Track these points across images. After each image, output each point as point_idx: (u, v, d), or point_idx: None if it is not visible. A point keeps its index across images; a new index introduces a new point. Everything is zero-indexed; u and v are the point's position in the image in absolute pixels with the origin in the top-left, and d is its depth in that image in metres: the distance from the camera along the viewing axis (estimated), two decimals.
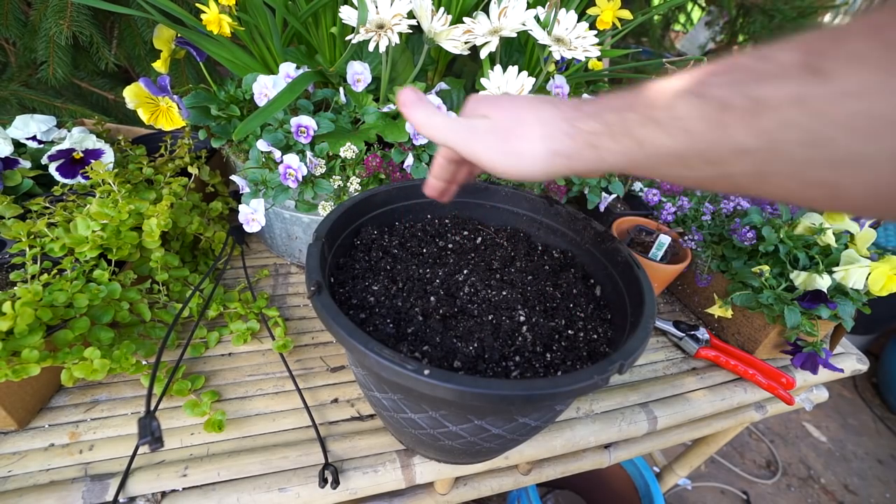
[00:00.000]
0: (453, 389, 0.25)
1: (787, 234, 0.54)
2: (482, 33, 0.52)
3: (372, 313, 0.35)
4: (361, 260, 0.40)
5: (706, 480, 1.31)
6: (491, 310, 0.36)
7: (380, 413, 0.39)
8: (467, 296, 0.38)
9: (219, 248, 0.57)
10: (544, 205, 0.46)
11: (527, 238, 0.46)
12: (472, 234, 0.46)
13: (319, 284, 0.30)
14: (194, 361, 0.48)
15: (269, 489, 0.38)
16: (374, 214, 0.44)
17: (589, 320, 0.37)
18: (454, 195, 0.35)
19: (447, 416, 0.31)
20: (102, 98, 0.83)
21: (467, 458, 0.41)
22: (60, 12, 0.68)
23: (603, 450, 0.58)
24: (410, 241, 0.43)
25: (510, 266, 0.42)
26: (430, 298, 0.36)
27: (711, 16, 2.33)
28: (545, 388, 0.25)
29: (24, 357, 0.35)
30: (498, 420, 0.31)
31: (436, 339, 0.33)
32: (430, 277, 0.39)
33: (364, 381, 0.36)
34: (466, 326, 0.34)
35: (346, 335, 0.27)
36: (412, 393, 0.31)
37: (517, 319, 0.35)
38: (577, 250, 0.45)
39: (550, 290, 0.40)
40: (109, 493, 0.36)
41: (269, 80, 0.52)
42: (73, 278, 0.41)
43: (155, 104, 0.52)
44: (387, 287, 0.37)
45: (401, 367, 0.25)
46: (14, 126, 0.55)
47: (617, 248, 0.40)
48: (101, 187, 0.47)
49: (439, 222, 0.46)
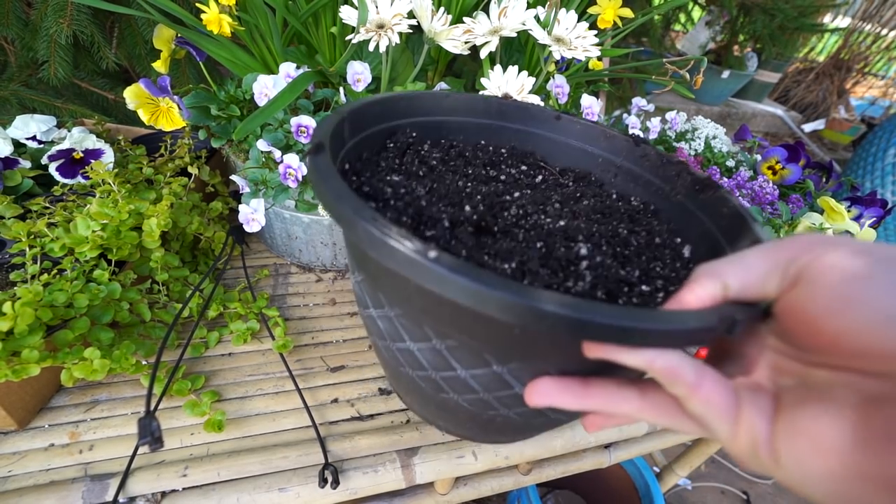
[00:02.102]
0: (467, 287, 0.17)
1: (787, 234, 0.54)
2: (482, 33, 0.52)
3: (386, 206, 0.27)
4: (390, 160, 0.33)
5: (706, 480, 1.31)
6: (543, 237, 0.28)
7: (376, 346, 0.32)
8: (513, 217, 0.30)
9: (219, 248, 0.57)
10: (628, 144, 0.37)
11: (598, 184, 0.39)
12: (531, 169, 0.38)
13: (320, 144, 0.25)
14: (194, 361, 0.48)
15: (269, 489, 0.38)
16: (418, 121, 0.37)
17: (673, 282, 0.28)
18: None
19: (456, 351, 0.24)
20: (102, 98, 0.83)
21: (474, 429, 0.33)
22: (60, 11, 0.68)
23: (603, 450, 0.58)
24: (456, 161, 0.36)
25: (575, 203, 0.34)
26: (466, 207, 0.28)
27: (712, 15, 2.33)
28: (619, 317, 0.17)
29: (24, 357, 0.35)
30: (525, 371, 0.23)
31: (461, 252, 0.24)
32: (471, 192, 0.31)
33: (358, 291, 0.29)
34: (506, 247, 0.26)
35: (333, 198, 0.20)
36: (413, 303, 0.24)
37: (576, 251, 0.27)
38: (663, 203, 0.36)
39: (625, 233, 0.32)
40: (109, 493, 0.36)
41: (269, 80, 0.52)
42: (73, 278, 0.41)
43: (155, 105, 0.52)
44: (411, 184, 0.30)
45: (398, 241, 0.18)
46: (14, 126, 0.55)
47: (724, 198, 0.31)
48: (101, 187, 0.47)
49: (494, 150, 0.39)
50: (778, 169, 0.71)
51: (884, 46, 3.15)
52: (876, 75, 3.46)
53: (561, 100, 0.59)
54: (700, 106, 2.90)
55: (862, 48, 3.16)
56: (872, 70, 3.35)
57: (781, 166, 0.71)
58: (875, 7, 3.02)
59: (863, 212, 0.66)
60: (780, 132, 3.17)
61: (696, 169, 0.34)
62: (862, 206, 0.66)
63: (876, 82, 3.57)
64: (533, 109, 0.39)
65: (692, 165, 0.35)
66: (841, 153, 3.11)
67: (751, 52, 2.71)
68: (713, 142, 0.78)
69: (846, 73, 3.24)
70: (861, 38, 3.14)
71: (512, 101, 0.39)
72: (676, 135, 0.80)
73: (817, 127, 3.16)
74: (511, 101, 0.39)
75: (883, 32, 3.08)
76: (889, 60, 3.32)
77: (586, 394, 0.21)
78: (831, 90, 3.24)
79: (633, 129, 0.67)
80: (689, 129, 0.81)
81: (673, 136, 0.79)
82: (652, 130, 0.75)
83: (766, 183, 0.63)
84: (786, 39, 2.13)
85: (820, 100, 3.28)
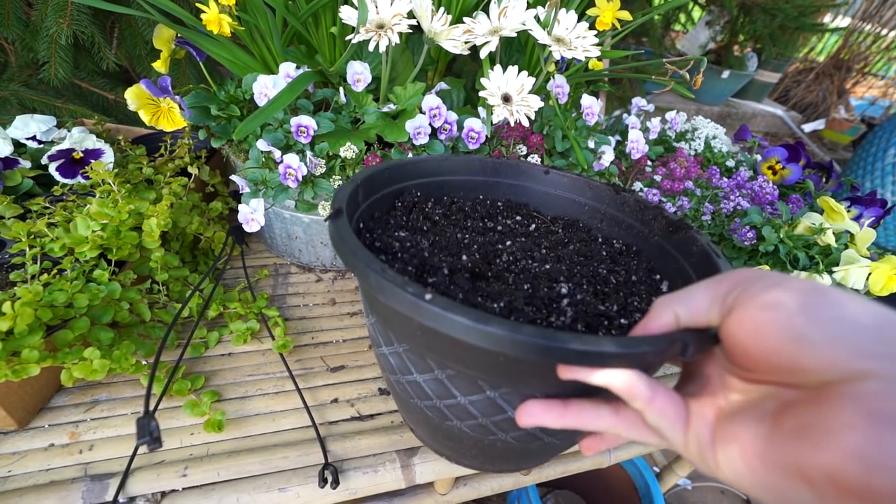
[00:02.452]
0: (458, 321, 0.21)
1: (787, 234, 0.54)
2: (482, 33, 0.52)
3: (395, 258, 0.31)
4: (399, 218, 0.38)
5: (706, 480, 1.31)
6: (530, 279, 0.32)
7: (389, 382, 0.36)
8: (505, 263, 0.34)
9: (219, 248, 0.57)
10: (610, 192, 0.42)
11: (586, 230, 0.43)
12: (525, 219, 0.42)
13: (340, 210, 0.28)
14: (194, 361, 0.48)
15: (269, 489, 0.38)
16: (422, 182, 0.41)
17: None
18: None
19: (455, 380, 0.28)
20: (102, 98, 0.83)
21: (479, 457, 0.36)
22: (60, 11, 0.68)
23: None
24: (456, 216, 0.40)
25: (562, 248, 0.38)
26: (463, 257, 0.32)
27: (712, 15, 2.33)
28: (585, 344, 0.20)
29: (24, 357, 0.35)
30: (515, 396, 0.27)
31: (458, 295, 0.28)
32: (468, 243, 0.35)
33: (373, 333, 0.33)
34: (497, 289, 0.30)
35: (350, 252, 0.25)
36: (416, 340, 0.28)
37: (558, 290, 0.31)
38: (643, 244, 0.40)
39: (604, 272, 0.35)
40: (109, 493, 0.36)
41: (269, 80, 0.52)
42: (73, 278, 0.41)
43: (156, 105, 0.52)
44: (416, 238, 0.34)
45: (401, 288, 0.22)
46: (14, 126, 0.55)
47: (693, 238, 0.35)
48: (101, 187, 0.47)
49: (491, 203, 0.43)
50: (778, 169, 0.71)
51: (884, 46, 3.15)
52: (876, 75, 3.46)
53: (561, 100, 0.59)
54: (700, 106, 2.90)
55: (862, 48, 3.16)
56: (872, 70, 3.35)
57: (781, 166, 0.71)
58: (875, 7, 3.02)
59: (863, 212, 0.66)
60: (780, 132, 3.17)
61: (669, 212, 0.39)
62: (862, 206, 0.66)
63: (876, 82, 3.57)
64: (523, 166, 0.43)
65: (666, 209, 0.39)
66: (841, 153, 3.11)
67: (751, 52, 2.71)
68: (713, 142, 0.78)
69: (846, 73, 3.24)
70: (861, 38, 3.14)
71: (505, 159, 0.44)
72: (676, 135, 0.80)
73: (817, 127, 3.16)
74: (504, 160, 0.43)
75: (883, 32, 3.08)
76: (889, 60, 3.32)
77: (565, 412, 0.25)
78: (831, 90, 3.24)
79: (633, 128, 0.67)
80: (689, 129, 0.81)
81: (673, 136, 0.79)
82: (652, 130, 0.75)
83: (766, 183, 0.63)
84: (786, 39, 2.13)
85: (820, 100, 3.28)
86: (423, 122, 0.52)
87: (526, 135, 0.57)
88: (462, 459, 0.37)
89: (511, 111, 0.51)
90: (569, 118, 0.62)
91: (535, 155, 0.56)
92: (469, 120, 0.55)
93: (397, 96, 0.56)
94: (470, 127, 0.54)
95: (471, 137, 0.54)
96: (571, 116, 0.63)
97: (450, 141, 0.57)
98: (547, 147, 0.60)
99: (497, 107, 0.52)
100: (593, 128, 0.63)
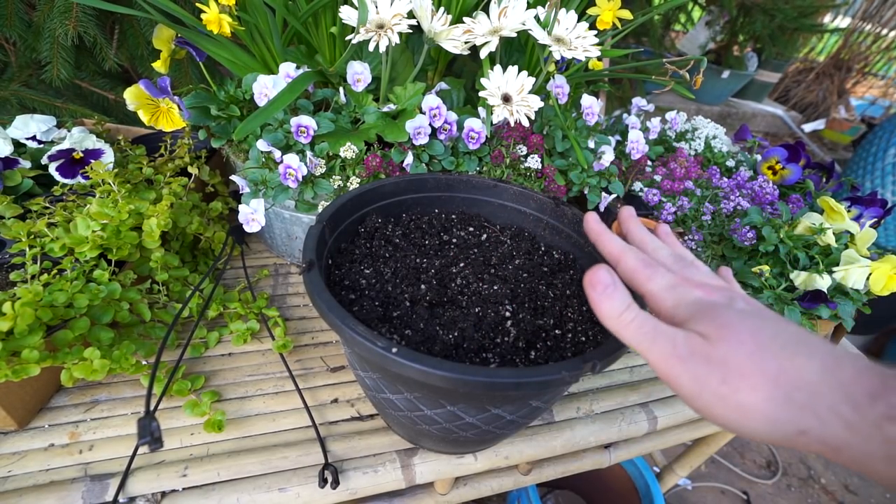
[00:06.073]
0: (417, 369, 0.25)
1: (787, 234, 0.54)
2: (482, 33, 0.52)
3: (362, 295, 0.35)
4: (362, 246, 0.41)
5: (706, 480, 1.31)
6: (479, 302, 0.36)
7: (367, 393, 0.40)
8: (458, 287, 0.38)
9: (219, 248, 0.57)
10: (551, 205, 0.45)
11: (531, 238, 0.46)
12: (477, 230, 0.46)
13: (311, 262, 0.32)
14: (194, 361, 0.48)
15: (269, 489, 0.38)
16: (382, 205, 0.44)
17: (580, 323, 0.37)
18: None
19: (421, 399, 0.32)
20: (103, 98, 0.83)
21: (448, 447, 0.41)
22: (66, 13, 0.68)
23: (603, 450, 0.58)
24: (414, 233, 0.43)
25: (508, 263, 0.42)
26: (422, 286, 0.37)
27: (712, 16, 2.33)
28: (506, 376, 0.26)
29: (24, 357, 0.35)
30: (470, 408, 0.32)
31: (419, 325, 0.33)
32: (426, 267, 0.39)
33: (350, 360, 0.37)
34: (452, 316, 0.35)
35: (326, 310, 0.28)
36: (387, 372, 0.32)
37: (502, 314, 0.36)
38: (579, 253, 0.44)
39: (543, 289, 0.40)
40: (109, 493, 0.36)
41: (269, 80, 0.52)
42: (73, 278, 0.41)
43: (155, 105, 0.52)
44: (380, 272, 0.38)
45: (372, 343, 0.26)
46: (14, 126, 0.55)
47: (576, 214, 0.40)
48: (101, 187, 0.47)
49: (446, 217, 0.46)
50: (778, 169, 0.71)
51: (884, 46, 3.15)
52: (876, 75, 3.46)
53: (561, 100, 0.59)
54: (700, 106, 2.90)
55: (862, 48, 3.16)
56: (872, 70, 3.35)
57: (781, 166, 0.71)
58: (875, 7, 3.03)
59: (863, 212, 0.66)
60: (780, 132, 3.17)
61: (560, 198, 0.43)
62: (862, 206, 0.66)
63: (876, 82, 3.57)
64: (474, 180, 0.46)
65: (559, 196, 0.43)
66: (841, 153, 3.11)
67: (751, 52, 2.71)
68: (713, 142, 0.78)
69: (846, 73, 3.24)
70: (861, 38, 3.14)
71: (456, 174, 0.47)
72: (676, 135, 0.80)
73: (817, 127, 3.16)
74: (455, 175, 0.46)
75: (883, 32, 3.08)
76: (889, 60, 3.32)
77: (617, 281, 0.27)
78: (831, 90, 3.25)
79: (633, 128, 0.67)
80: (689, 129, 0.81)
81: (673, 136, 0.79)
82: (652, 130, 0.75)
83: (766, 183, 0.63)
84: (786, 39, 2.13)
85: (820, 100, 3.28)
86: (423, 122, 0.52)
87: (526, 135, 0.57)
88: (435, 447, 0.43)
89: (511, 111, 0.51)
90: (569, 118, 0.62)
91: (535, 155, 0.56)
92: (469, 120, 0.55)
93: (397, 96, 0.56)
94: (470, 127, 0.54)
95: (471, 137, 0.54)
96: (571, 116, 0.63)
97: (450, 141, 0.57)
98: (547, 147, 0.60)
99: (497, 107, 0.52)
100: (593, 128, 0.63)
